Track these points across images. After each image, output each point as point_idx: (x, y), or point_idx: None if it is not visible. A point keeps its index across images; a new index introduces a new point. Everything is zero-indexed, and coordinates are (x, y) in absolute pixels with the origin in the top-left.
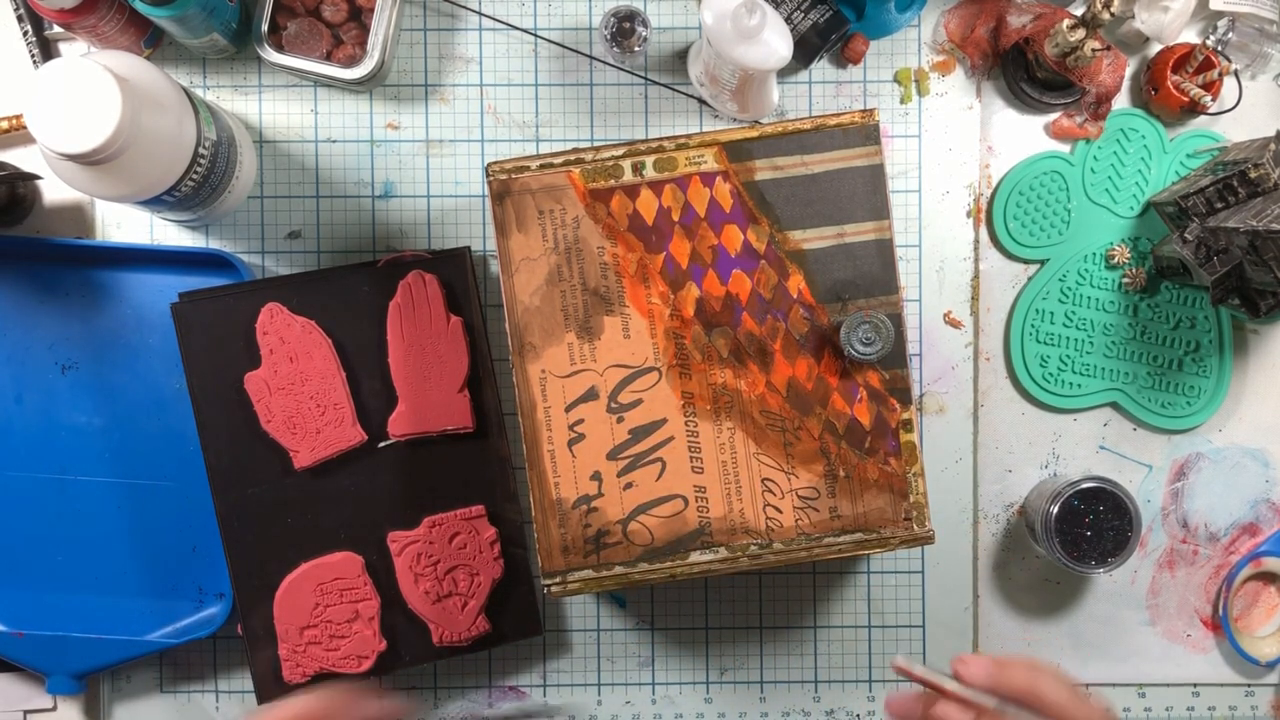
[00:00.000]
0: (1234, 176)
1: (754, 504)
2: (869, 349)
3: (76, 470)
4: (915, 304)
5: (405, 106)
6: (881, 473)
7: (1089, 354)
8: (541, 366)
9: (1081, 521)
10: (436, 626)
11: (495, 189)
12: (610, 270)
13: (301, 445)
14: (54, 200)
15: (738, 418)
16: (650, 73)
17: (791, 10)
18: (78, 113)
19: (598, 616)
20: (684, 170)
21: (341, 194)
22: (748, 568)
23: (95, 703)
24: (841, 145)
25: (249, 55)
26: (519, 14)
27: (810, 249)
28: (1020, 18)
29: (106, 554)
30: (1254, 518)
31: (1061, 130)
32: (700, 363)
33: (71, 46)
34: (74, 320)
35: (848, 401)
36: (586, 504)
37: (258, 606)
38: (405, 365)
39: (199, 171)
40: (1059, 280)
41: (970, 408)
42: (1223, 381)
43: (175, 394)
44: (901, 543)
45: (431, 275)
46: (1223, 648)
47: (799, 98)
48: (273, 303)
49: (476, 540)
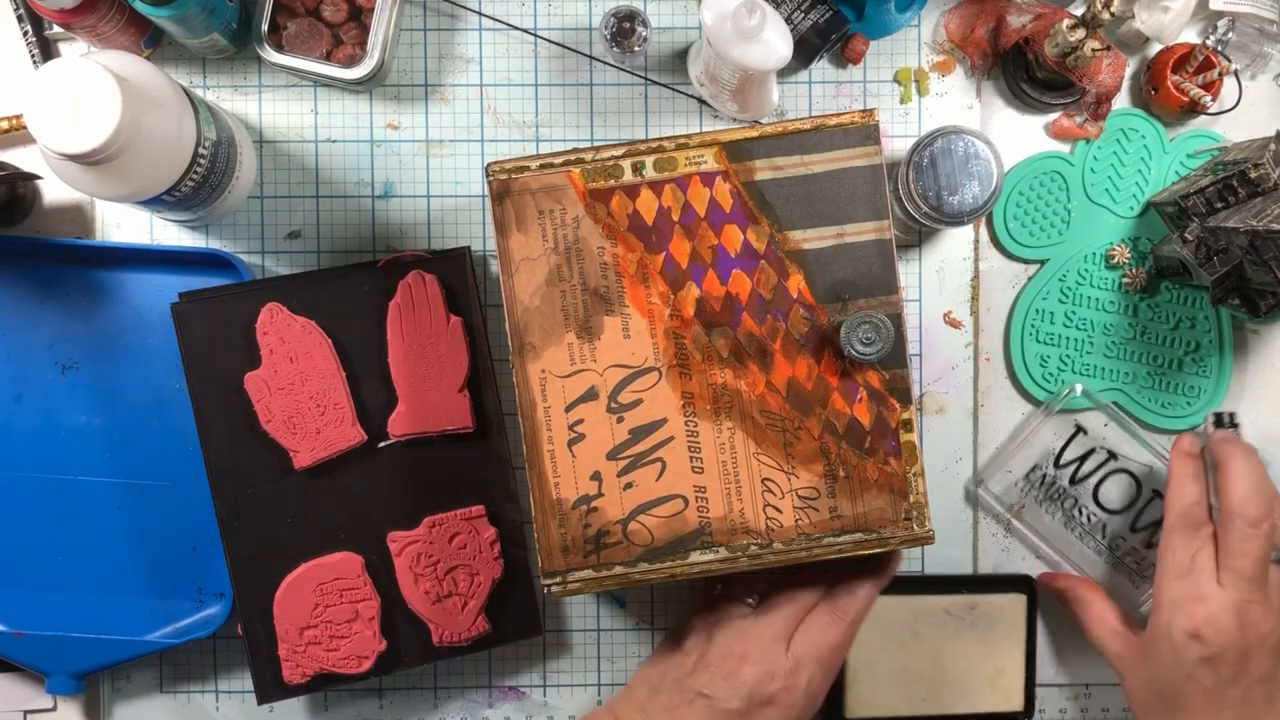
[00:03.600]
0: (1234, 176)
1: (754, 504)
2: (869, 349)
3: (76, 470)
4: (915, 304)
5: (405, 106)
6: (881, 473)
7: (1089, 354)
8: (541, 366)
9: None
10: (436, 626)
11: (495, 189)
12: (610, 270)
13: (301, 445)
14: (54, 200)
15: (738, 418)
16: (650, 73)
17: (791, 10)
18: (78, 113)
19: (598, 616)
20: (684, 170)
21: (341, 194)
22: (748, 568)
23: (95, 703)
24: (841, 145)
25: (249, 55)
26: (519, 14)
27: (810, 249)
28: (1020, 18)
29: (106, 554)
30: None
31: (1061, 130)
32: (700, 363)
33: (71, 46)
34: (74, 320)
35: (848, 401)
36: (586, 504)
37: (258, 606)
38: (405, 365)
39: (199, 171)
40: (1059, 280)
41: (970, 408)
42: (1223, 381)
43: (175, 394)
44: (901, 543)
45: (431, 275)
46: None
47: (799, 98)
48: (273, 303)
49: (476, 540)
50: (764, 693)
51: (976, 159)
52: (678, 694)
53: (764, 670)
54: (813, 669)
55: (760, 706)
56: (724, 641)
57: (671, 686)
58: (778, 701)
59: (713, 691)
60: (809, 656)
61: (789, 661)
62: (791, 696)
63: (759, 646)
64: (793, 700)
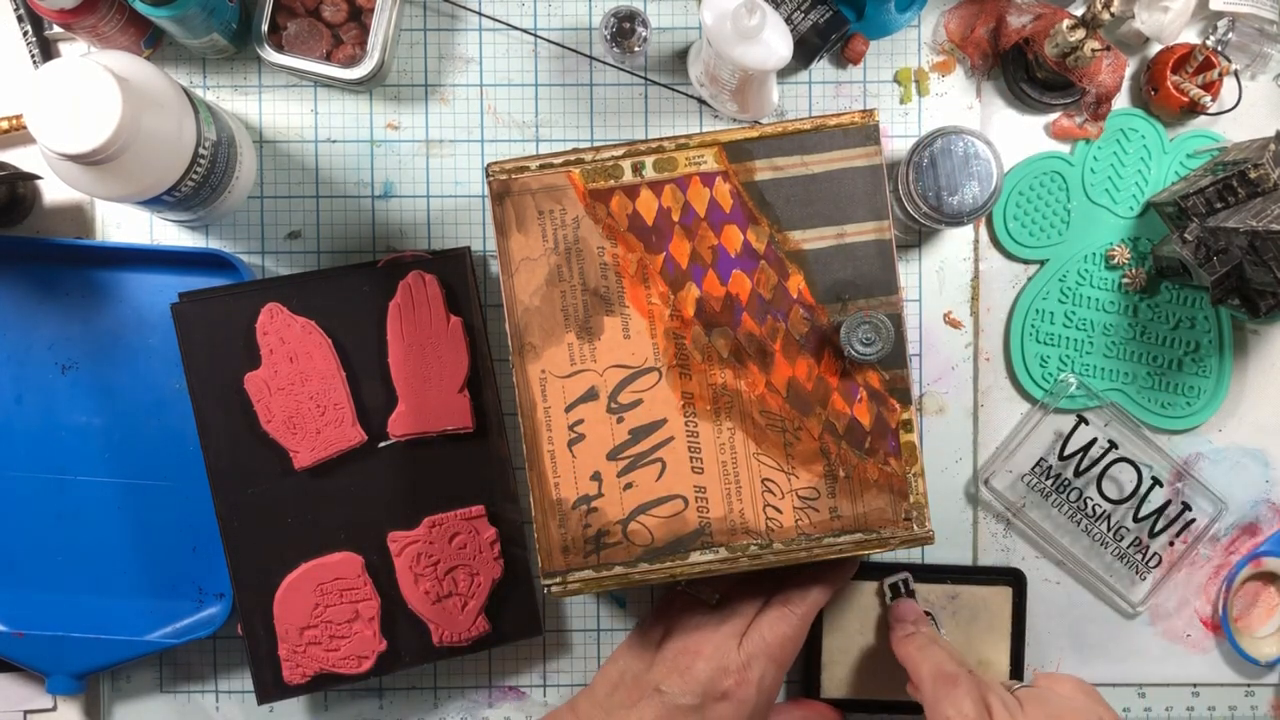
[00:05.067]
0: (1234, 176)
1: (754, 504)
2: (869, 349)
3: (76, 470)
4: (915, 304)
5: (405, 106)
6: (881, 473)
7: (1089, 354)
8: (541, 367)
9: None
10: (436, 626)
11: (495, 189)
12: (610, 270)
13: (301, 445)
14: (54, 200)
15: (738, 418)
16: (650, 73)
17: (791, 10)
18: (78, 113)
19: (598, 616)
20: (684, 170)
21: (341, 194)
22: (748, 568)
23: (95, 703)
24: (841, 145)
25: (249, 55)
26: (519, 14)
27: (810, 249)
28: (1020, 18)
29: (106, 554)
30: (1254, 518)
31: (1061, 130)
32: (700, 363)
33: (71, 46)
34: (74, 320)
35: (848, 401)
36: (586, 504)
37: (258, 606)
38: (405, 365)
39: (199, 171)
40: (1059, 280)
41: (970, 408)
42: (1222, 382)
43: (175, 394)
44: (901, 543)
45: (431, 275)
46: (1222, 648)
47: (799, 98)
48: (273, 303)
49: (476, 540)
50: (718, 688)
51: (976, 159)
52: (635, 690)
53: (716, 665)
54: (765, 664)
55: (714, 702)
56: (680, 639)
57: (630, 683)
58: (731, 696)
59: (667, 687)
60: (760, 652)
61: (741, 657)
62: (745, 691)
63: (712, 643)
64: (746, 695)
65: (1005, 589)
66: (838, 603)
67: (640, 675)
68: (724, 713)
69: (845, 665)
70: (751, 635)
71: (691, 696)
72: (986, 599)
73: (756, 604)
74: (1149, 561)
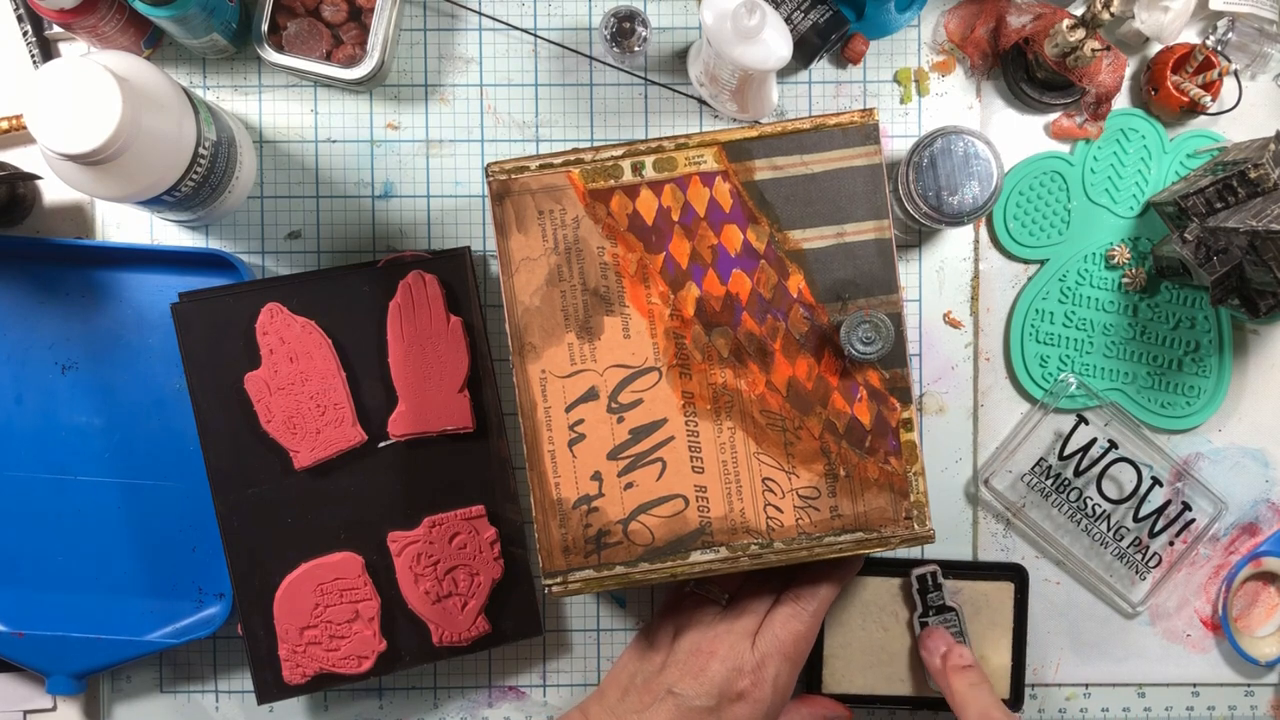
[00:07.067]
0: (1234, 176)
1: (754, 503)
2: (869, 349)
3: (76, 470)
4: (915, 304)
5: (405, 106)
6: (882, 472)
7: (1089, 354)
8: (541, 367)
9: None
10: (436, 627)
11: (495, 189)
12: (610, 270)
13: (301, 445)
14: (54, 200)
15: (738, 417)
16: (650, 73)
17: (791, 10)
18: (78, 113)
19: (598, 616)
20: (684, 170)
21: (341, 194)
22: (748, 567)
23: (95, 703)
24: (841, 145)
25: (249, 55)
26: (519, 14)
27: (810, 249)
28: (1020, 18)
29: (106, 554)
30: (1254, 518)
31: (1061, 130)
32: (700, 363)
33: (71, 46)
34: (74, 320)
35: (848, 401)
36: (587, 504)
37: (258, 606)
38: (405, 365)
39: (199, 171)
40: (1059, 280)
41: (970, 408)
42: (1222, 382)
43: (175, 394)
44: (902, 542)
45: (431, 275)
46: (1222, 648)
47: (799, 98)
48: (273, 303)
49: (476, 540)
50: (733, 689)
51: (976, 159)
52: (647, 693)
53: (731, 666)
54: (779, 662)
55: (730, 703)
56: (692, 640)
57: (641, 686)
58: (747, 696)
59: (681, 689)
60: (774, 650)
61: (755, 656)
62: (760, 691)
63: (726, 643)
64: (762, 694)
65: (1007, 585)
66: (839, 598)
67: (651, 678)
68: (740, 713)
69: (847, 660)
70: (765, 634)
71: (707, 698)
72: (989, 594)
73: (767, 602)
74: (1149, 561)
